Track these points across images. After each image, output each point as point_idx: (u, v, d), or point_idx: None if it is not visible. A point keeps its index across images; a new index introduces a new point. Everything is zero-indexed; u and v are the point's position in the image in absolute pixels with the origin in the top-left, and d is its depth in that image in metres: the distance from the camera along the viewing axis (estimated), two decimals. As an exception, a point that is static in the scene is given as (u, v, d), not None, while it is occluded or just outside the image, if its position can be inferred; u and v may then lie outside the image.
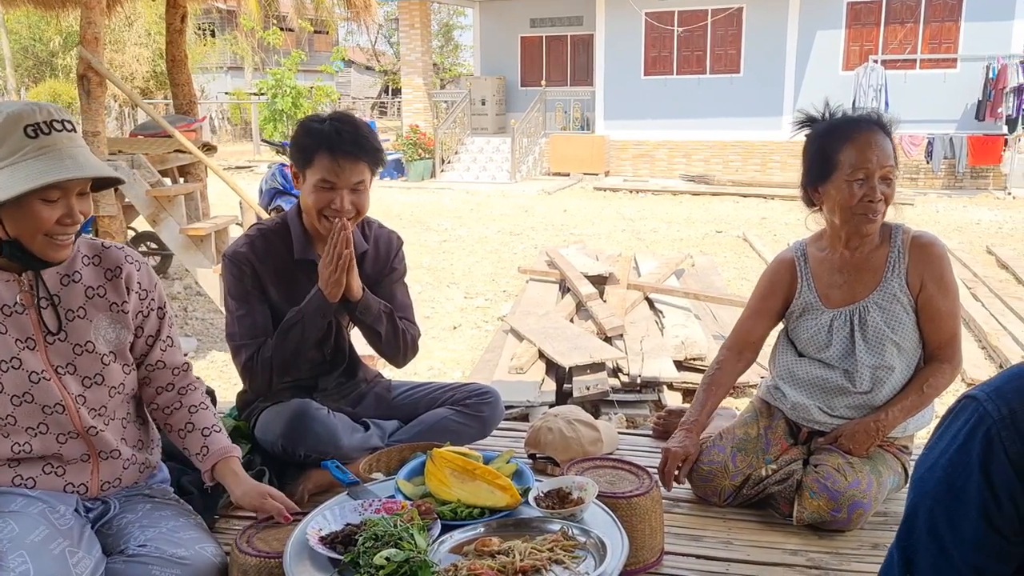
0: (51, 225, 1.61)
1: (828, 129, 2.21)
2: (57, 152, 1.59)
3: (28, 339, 1.71)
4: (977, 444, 0.89)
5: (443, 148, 16.87)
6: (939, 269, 2.20)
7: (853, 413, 2.24)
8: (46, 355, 1.73)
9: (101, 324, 1.80)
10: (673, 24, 16.28)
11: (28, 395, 1.69)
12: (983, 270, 7.64)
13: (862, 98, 14.48)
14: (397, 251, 2.50)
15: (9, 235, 1.61)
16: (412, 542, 1.58)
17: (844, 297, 2.26)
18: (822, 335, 2.27)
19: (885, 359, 2.20)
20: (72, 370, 1.75)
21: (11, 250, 1.63)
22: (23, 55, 25.20)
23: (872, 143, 2.13)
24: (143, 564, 1.64)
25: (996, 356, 5.23)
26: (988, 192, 13.91)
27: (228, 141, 24.41)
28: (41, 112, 1.60)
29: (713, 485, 2.27)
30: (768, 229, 10.59)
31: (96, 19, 5.42)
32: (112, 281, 1.82)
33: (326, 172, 2.17)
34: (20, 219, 1.59)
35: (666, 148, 16.59)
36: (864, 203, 2.14)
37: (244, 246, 2.30)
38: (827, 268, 2.30)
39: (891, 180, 2.15)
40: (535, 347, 5.08)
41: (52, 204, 1.60)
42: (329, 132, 2.17)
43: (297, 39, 26.87)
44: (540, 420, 2.55)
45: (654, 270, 7.23)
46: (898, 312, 2.20)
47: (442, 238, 10.07)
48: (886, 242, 2.25)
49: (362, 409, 2.51)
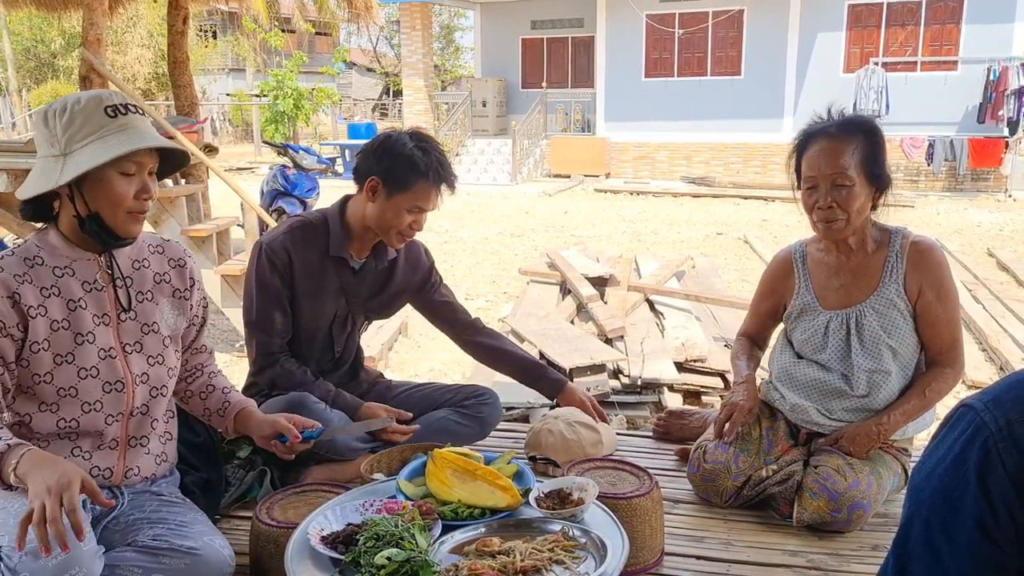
0: (129, 200, 1.72)
1: (799, 137, 2.23)
2: (135, 128, 1.72)
3: (104, 315, 1.81)
4: (974, 455, 0.88)
5: (444, 150, 16.85)
6: (937, 275, 2.19)
7: (851, 416, 2.24)
8: (117, 332, 1.82)
9: (164, 308, 1.91)
10: (674, 26, 16.30)
11: (95, 369, 1.77)
12: (984, 272, 7.64)
13: (863, 100, 14.49)
14: (432, 263, 2.66)
15: (90, 210, 1.72)
16: (413, 542, 1.59)
17: (841, 300, 2.27)
18: (818, 337, 2.28)
19: (882, 363, 2.20)
20: (139, 348, 1.85)
21: (91, 224, 1.73)
22: (25, 56, 25.23)
23: (822, 150, 2.12)
24: (154, 554, 1.69)
25: (997, 358, 5.23)
26: (989, 194, 13.91)
27: (229, 142, 24.42)
28: (117, 97, 1.74)
29: (715, 485, 2.27)
30: (769, 231, 10.59)
31: (98, 20, 5.44)
32: (176, 270, 1.95)
33: (423, 201, 2.33)
34: (101, 193, 1.71)
35: (667, 150, 16.60)
36: (817, 210, 2.15)
37: (283, 235, 2.39)
38: (825, 270, 2.30)
39: (846, 187, 2.11)
40: (536, 348, 5.08)
41: (130, 178, 1.72)
42: (435, 165, 2.32)
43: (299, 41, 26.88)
44: (540, 422, 2.56)
45: (655, 272, 7.22)
46: (895, 317, 2.20)
47: (443, 239, 10.08)
48: (884, 247, 2.24)
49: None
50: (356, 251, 2.44)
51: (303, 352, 2.48)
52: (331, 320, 2.47)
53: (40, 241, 1.77)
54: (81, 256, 1.78)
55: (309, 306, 2.41)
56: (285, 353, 2.43)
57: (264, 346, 2.39)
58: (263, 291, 2.36)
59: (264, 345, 2.39)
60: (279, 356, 2.42)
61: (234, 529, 2.14)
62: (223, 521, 2.19)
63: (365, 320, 2.58)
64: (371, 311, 2.55)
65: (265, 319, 2.38)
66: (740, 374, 2.42)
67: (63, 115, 1.70)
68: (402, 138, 2.34)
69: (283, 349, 2.43)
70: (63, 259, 1.76)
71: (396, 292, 2.56)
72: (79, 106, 1.70)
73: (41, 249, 1.76)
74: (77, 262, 1.78)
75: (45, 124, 1.72)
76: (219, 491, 2.22)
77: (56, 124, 1.70)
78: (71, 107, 1.70)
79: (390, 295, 2.55)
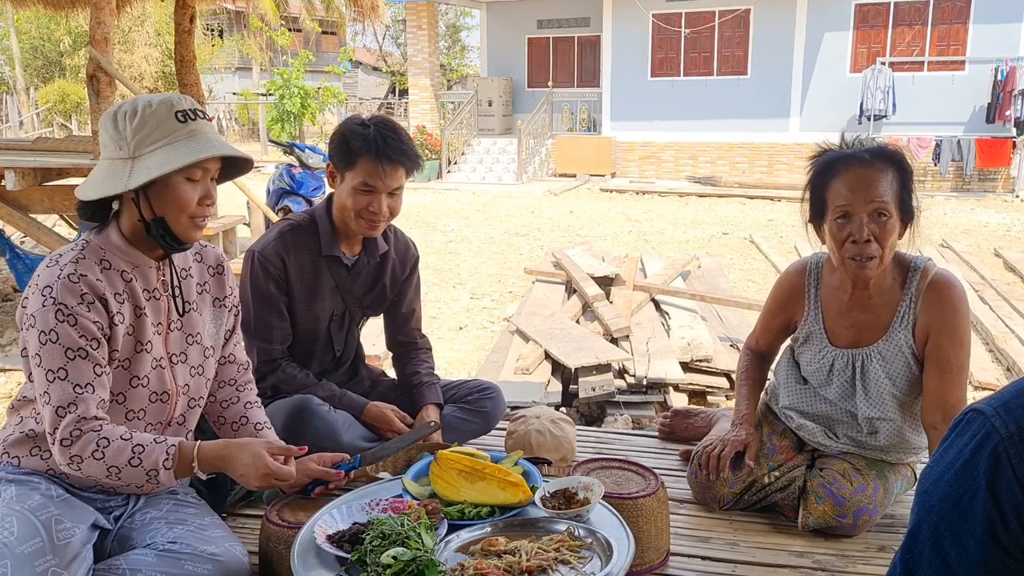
0: (193, 205, 1.71)
1: (821, 163, 2.05)
2: (203, 135, 1.71)
3: (159, 324, 1.80)
4: (984, 461, 0.87)
5: (449, 149, 16.89)
6: (952, 319, 2.02)
7: (854, 445, 2.19)
8: (166, 343, 1.81)
9: (207, 318, 1.90)
10: (680, 25, 16.27)
11: (147, 379, 1.76)
12: (990, 273, 7.62)
13: (869, 100, 14.47)
14: (415, 261, 2.62)
15: (156, 215, 1.71)
16: (419, 541, 1.59)
17: (849, 339, 2.15)
18: (823, 372, 2.19)
19: (885, 412, 2.11)
20: (184, 359, 1.84)
21: (157, 228, 1.72)
22: (32, 55, 25.31)
23: (858, 176, 1.95)
24: (175, 558, 1.67)
25: (1003, 359, 5.21)
26: (996, 195, 13.87)
27: (235, 141, 24.46)
28: (187, 101, 1.73)
29: (712, 492, 2.25)
30: (774, 231, 10.57)
31: (106, 19, 5.44)
32: (215, 277, 1.93)
33: (368, 176, 2.24)
34: (167, 198, 1.70)
35: (673, 149, 16.58)
36: (850, 244, 1.96)
37: (274, 241, 2.36)
38: (837, 304, 2.16)
39: (885, 217, 1.94)
40: (541, 348, 5.08)
41: (195, 184, 1.71)
42: (374, 137, 2.23)
43: (305, 40, 26.92)
44: (519, 424, 2.46)
45: (660, 271, 7.22)
46: (900, 366, 2.09)
47: (448, 239, 10.08)
48: (900, 286, 2.08)
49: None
50: (347, 248, 2.43)
51: (303, 353, 2.48)
52: (329, 319, 2.47)
53: (104, 243, 1.74)
54: (144, 263, 1.77)
55: (307, 308, 2.40)
56: (286, 358, 2.43)
57: (264, 353, 2.38)
58: (260, 299, 2.35)
59: (264, 352, 2.38)
60: (280, 361, 2.41)
61: (240, 528, 2.15)
62: (229, 520, 2.20)
63: (363, 317, 2.57)
64: (368, 307, 2.54)
65: (263, 327, 2.36)
66: (740, 411, 2.31)
67: (133, 118, 1.68)
68: (354, 119, 2.32)
69: (284, 354, 2.42)
70: (128, 264, 1.75)
71: (390, 286, 2.55)
72: (150, 109, 1.68)
73: (106, 252, 1.73)
74: (139, 268, 1.76)
75: (114, 126, 1.70)
76: (225, 490, 2.22)
77: (127, 127, 1.68)
78: (142, 110, 1.68)
79: (383, 289, 2.54)
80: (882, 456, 2.18)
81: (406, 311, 2.62)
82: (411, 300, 2.62)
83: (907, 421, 2.15)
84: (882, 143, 2.07)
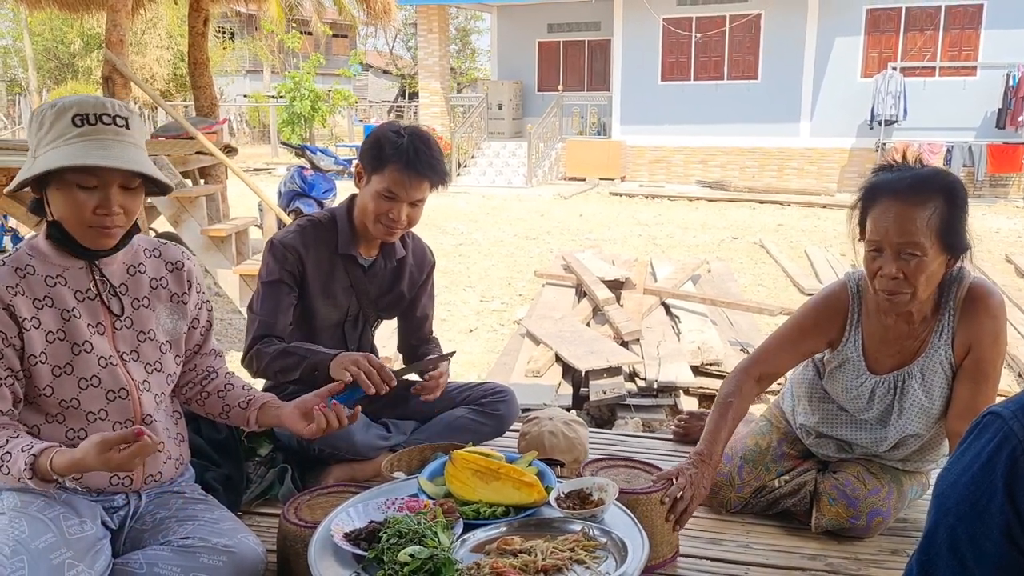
0: (87, 213, 1.66)
1: (867, 188, 1.94)
2: (96, 142, 1.64)
3: (98, 324, 1.77)
4: (1001, 464, 0.87)
5: (459, 152, 16.91)
6: (992, 328, 1.95)
7: (870, 457, 2.18)
8: (113, 341, 1.79)
9: (161, 314, 1.88)
10: (691, 30, 16.27)
11: (96, 378, 1.75)
12: (1002, 279, 7.59)
13: (880, 105, 14.42)
14: (431, 267, 2.65)
15: (54, 217, 1.69)
16: (435, 539, 1.60)
17: (891, 365, 2.06)
18: (862, 400, 2.10)
19: (916, 428, 2.07)
20: (136, 356, 1.82)
21: (53, 231, 1.70)
22: (45, 56, 25.49)
23: (892, 211, 1.83)
24: (191, 552, 1.69)
25: (1015, 365, 5.20)
26: (1007, 200, 13.80)
27: (246, 143, 24.54)
28: (97, 106, 1.67)
29: (719, 497, 2.25)
30: (784, 236, 10.56)
31: (121, 21, 5.49)
32: (174, 273, 1.91)
33: (394, 184, 2.27)
34: (61, 202, 1.66)
35: (682, 154, 16.57)
36: (880, 278, 1.88)
37: (293, 234, 2.39)
38: (879, 329, 2.06)
39: (916, 257, 1.82)
40: (551, 351, 5.09)
41: (89, 191, 1.65)
42: (407, 147, 2.26)
43: (315, 42, 27.00)
44: (532, 425, 2.49)
45: (670, 275, 7.22)
46: (938, 380, 2.02)
47: (458, 241, 10.10)
48: (937, 300, 1.99)
49: (380, 409, 2.55)
50: (364, 249, 2.45)
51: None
52: (343, 318, 2.49)
53: (31, 249, 1.74)
54: (73, 264, 1.74)
55: (322, 303, 2.42)
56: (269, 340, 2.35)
57: (255, 340, 2.35)
58: (270, 286, 2.36)
59: (256, 339, 2.35)
60: (259, 345, 2.35)
61: (256, 526, 2.16)
62: (245, 518, 2.21)
63: (377, 319, 2.60)
64: (382, 309, 2.56)
65: (267, 312, 2.35)
66: (702, 448, 2.04)
67: (39, 116, 1.67)
68: (391, 125, 2.35)
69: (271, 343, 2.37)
70: (55, 267, 1.73)
71: (407, 291, 2.57)
72: (53, 109, 1.66)
73: (32, 257, 1.72)
74: (69, 271, 1.74)
75: (31, 123, 1.71)
76: (240, 488, 2.25)
77: (34, 124, 1.68)
78: (46, 110, 1.67)
79: (399, 294, 2.56)
80: (898, 465, 2.18)
81: (420, 316, 2.65)
82: (425, 305, 2.65)
83: (932, 435, 2.12)
84: (937, 168, 1.96)
